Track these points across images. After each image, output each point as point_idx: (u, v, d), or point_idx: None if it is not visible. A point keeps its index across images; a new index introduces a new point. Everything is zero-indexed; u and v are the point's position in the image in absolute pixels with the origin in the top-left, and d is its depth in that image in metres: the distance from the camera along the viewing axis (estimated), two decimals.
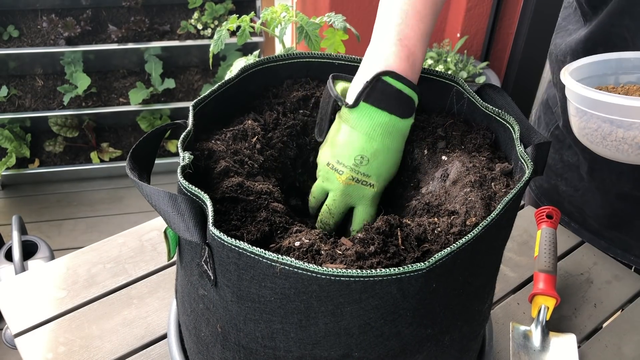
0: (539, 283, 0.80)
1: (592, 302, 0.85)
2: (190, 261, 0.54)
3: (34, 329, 0.78)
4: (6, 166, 2.31)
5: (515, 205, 0.54)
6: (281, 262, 0.44)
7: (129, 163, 0.54)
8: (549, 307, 0.78)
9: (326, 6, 2.15)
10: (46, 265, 0.88)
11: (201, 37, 2.35)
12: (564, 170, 0.94)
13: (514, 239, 0.94)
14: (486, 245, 0.52)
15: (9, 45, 2.27)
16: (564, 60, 0.83)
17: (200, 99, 0.61)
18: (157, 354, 0.75)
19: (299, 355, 0.50)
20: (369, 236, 0.50)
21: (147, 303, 0.82)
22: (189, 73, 2.50)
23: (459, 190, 0.57)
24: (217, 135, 0.62)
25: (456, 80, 0.65)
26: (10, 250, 1.85)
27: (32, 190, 2.43)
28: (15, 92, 2.38)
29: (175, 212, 0.49)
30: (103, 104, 2.41)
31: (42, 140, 2.46)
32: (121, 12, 2.37)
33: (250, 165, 0.60)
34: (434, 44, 2.38)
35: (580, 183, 0.92)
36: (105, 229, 2.27)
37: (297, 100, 0.68)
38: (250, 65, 0.66)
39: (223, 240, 0.46)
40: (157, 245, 0.92)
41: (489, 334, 0.73)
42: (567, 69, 0.68)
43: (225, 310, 0.51)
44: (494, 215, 0.49)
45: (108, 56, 2.39)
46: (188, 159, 0.53)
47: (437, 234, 0.51)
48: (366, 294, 0.45)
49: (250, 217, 0.53)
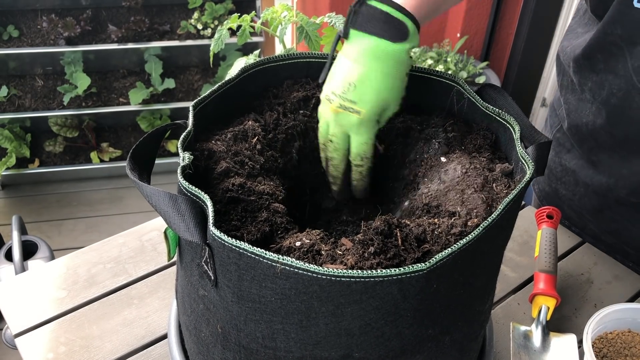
0: (539, 283, 0.80)
1: (592, 302, 0.85)
2: (191, 261, 0.54)
3: (34, 329, 0.78)
4: (6, 166, 2.31)
5: (516, 206, 0.54)
6: (282, 262, 0.44)
7: (129, 163, 0.54)
8: (550, 307, 0.78)
9: (326, 6, 2.15)
10: (46, 265, 0.87)
11: (201, 37, 2.35)
12: (563, 174, 0.94)
13: (514, 239, 0.94)
14: (487, 246, 0.52)
15: (9, 45, 2.27)
16: (568, 65, 0.83)
17: (200, 99, 0.61)
18: (157, 354, 0.75)
19: (300, 355, 0.50)
20: (368, 237, 0.50)
21: (148, 303, 0.82)
22: (189, 73, 2.50)
23: (459, 191, 0.57)
24: (217, 136, 0.62)
25: (456, 81, 0.65)
26: (10, 250, 1.85)
27: (32, 190, 2.43)
28: (15, 92, 2.37)
29: (175, 212, 0.49)
30: (103, 104, 2.41)
31: (42, 140, 2.46)
32: (121, 12, 2.37)
33: (250, 166, 0.60)
34: (434, 44, 2.37)
35: (576, 187, 0.92)
36: (105, 229, 2.27)
37: (297, 100, 0.68)
38: (251, 66, 0.66)
39: (224, 241, 0.46)
40: (157, 245, 0.91)
41: (489, 334, 0.73)
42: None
43: (226, 310, 0.51)
44: (495, 217, 0.49)
45: (108, 56, 2.39)
46: (188, 159, 0.53)
47: (438, 234, 0.51)
48: (367, 295, 0.45)
49: (250, 217, 0.53)
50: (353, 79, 0.59)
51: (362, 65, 0.59)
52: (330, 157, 0.64)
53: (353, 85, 0.59)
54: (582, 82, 0.81)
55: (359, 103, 0.60)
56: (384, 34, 0.58)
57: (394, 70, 0.60)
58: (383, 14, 0.58)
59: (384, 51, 0.58)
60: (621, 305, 0.73)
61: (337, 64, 0.61)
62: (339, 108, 0.60)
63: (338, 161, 0.64)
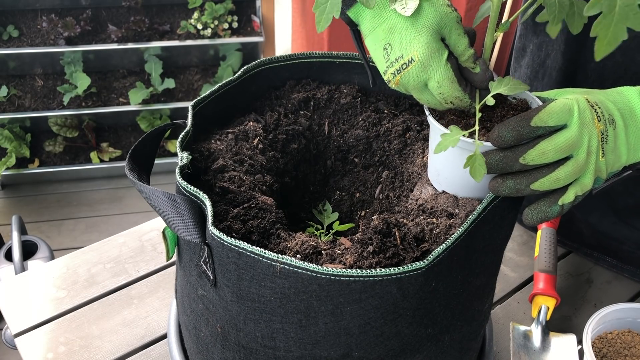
0: (539, 283, 0.80)
1: (592, 302, 0.85)
2: (189, 261, 0.54)
3: (34, 329, 0.78)
4: (6, 166, 2.31)
5: (511, 204, 0.53)
6: (281, 261, 0.44)
7: (128, 163, 0.54)
8: (549, 307, 0.78)
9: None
10: (46, 265, 0.87)
11: (201, 37, 2.34)
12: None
13: (514, 239, 0.94)
14: (483, 243, 0.52)
15: (8, 45, 2.27)
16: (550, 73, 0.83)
17: (200, 99, 0.61)
18: (157, 354, 0.75)
19: (299, 355, 0.49)
20: (367, 236, 0.50)
21: (147, 303, 0.82)
22: (189, 73, 2.50)
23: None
24: (218, 136, 0.62)
25: None
26: (10, 250, 1.85)
27: (31, 190, 2.43)
28: (15, 92, 2.37)
29: (174, 212, 0.49)
30: (103, 104, 2.41)
31: (42, 140, 2.46)
32: (121, 12, 2.37)
33: (250, 165, 0.60)
34: None
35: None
36: (105, 229, 2.26)
37: (298, 101, 0.68)
38: (253, 66, 0.66)
39: (223, 240, 0.46)
40: (157, 245, 0.91)
41: (489, 334, 0.73)
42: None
43: (225, 310, 0.51)
44: (480, 210, 0.49)
45: (108, 56, 2.38)
46: (186, 159, 0.53)
47: (436, 234, 0.51)
48: (366, 294, 0.45)
49: (248, 215, 0.53)
50: (383, 43, 0.53)
51: (381, 29, 0.54)
52: (451, 105, 0.55)
53: (388, 46, 0.53)
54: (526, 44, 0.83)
55: (405, 55, 0.52)
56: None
57: (422, 18, 0.53)
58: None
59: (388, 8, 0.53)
60: (621, 305, 0.73)
61: (371, 52, 0.56)
62: (395, 76, 0.53)
63: (455, 101, 0.54)
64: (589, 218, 0.86)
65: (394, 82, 0.54)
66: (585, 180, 0.51)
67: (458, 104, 0.54)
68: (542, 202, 0.51)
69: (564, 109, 0.49)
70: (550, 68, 0.80)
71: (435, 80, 0.52)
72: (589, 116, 0.50)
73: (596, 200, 0.83)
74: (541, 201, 0.51)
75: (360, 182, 0.71)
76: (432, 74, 0.52)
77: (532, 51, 0.83)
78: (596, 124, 0.50)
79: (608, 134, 0.51)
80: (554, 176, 0.49)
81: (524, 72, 0.86)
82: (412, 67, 0.52)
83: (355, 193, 0.71)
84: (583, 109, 0.50)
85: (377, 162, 0.69)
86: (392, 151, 0.67)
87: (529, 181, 0.49)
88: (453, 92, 0.53)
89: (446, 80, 0.52)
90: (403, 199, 0.65)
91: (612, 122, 0.51)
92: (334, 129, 0.70)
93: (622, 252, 0.86)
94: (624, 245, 0.85)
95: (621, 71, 0.72)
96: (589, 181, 0.51)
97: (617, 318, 0.73)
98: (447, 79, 0.52)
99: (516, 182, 0.49)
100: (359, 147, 0.69)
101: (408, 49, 0.52)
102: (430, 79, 0.52)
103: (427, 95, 0.54)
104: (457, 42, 0.53)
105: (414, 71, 0.52)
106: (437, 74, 0.52)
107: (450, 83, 0.52)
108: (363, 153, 0.70)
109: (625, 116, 0.52)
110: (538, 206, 0.51)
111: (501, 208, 0.52)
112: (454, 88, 0.53)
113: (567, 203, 0.51)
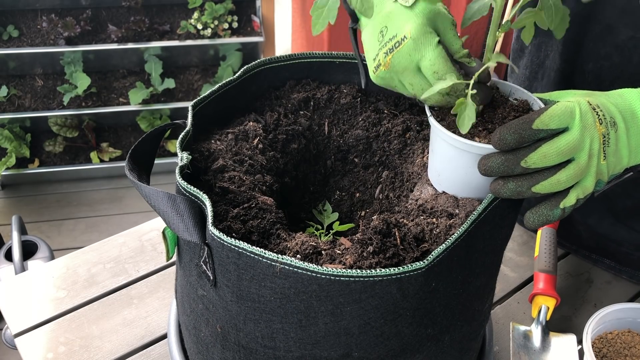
0: (539, 283, 0.80)
1: (592, 302, 0.85)
2: (189, 261, 0.54)
3: (34, 329, 0.78)
4: (6, 166, 2.31)
5: (511, 204, 0.53)
6: (281, 261, 0.44)
7: (128, 163, 0.54)
8: (549, 307, 0.78)
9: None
10: (46, 265, 0.87)
11: (201, 37, 2.34)
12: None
13: (514, 239, 0.94)
14: (483, 243, 0.52)
15: (8, 45, 2.27)
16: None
17: (199, 99, 0.61)
18: (157, 354, 0.75)
19: (299, 355, 0.50)
20: (367, 236, 0.50)
21: (147, 303, 0.82)
22: (189, 73, 2.50)
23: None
24: (218, 136, 0.62)
25: None
26: (10, 250, 1.85)
27: (31, 190, 2.43)
28: (15, 92, 2.37)
29: (174, 212, 0.49)
30: (103, 104, 2.41)
31: (42, 140, 2.46)
32: (121, 12, 2.37)
33: (250, 165, 0.60)
34: None
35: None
36: (105, 229, 2.26)
37: (298, 101, 0.68)
38: (253, 66, 0.66)
39: (223, 240, 0.46)
40: (157, 245, 0.91)
41: (489, 334, 0.73)
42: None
43: (225, 310, 0.51)
44: (480, 210, 0.49)
45: (108, 56, 2.38)
46: (186, 159, 0.53)
47: (436, 234, 0.51)
48: (366, 294, 0.45)
49: (248, 215, 0.53)
50: (380, 27, 0.54)
51: (380, 16, 0.54)
52: (446, 96, 0.54)
53: (385, 29, 0.54)
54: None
55: (398, 33, 0.52)
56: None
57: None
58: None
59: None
60: (621, 305, 0.73)
61: (366, 43, 0.57)
62: (386, 56, 0.53)
63: (448, 77, 0.53)
64: (588, 220, 0.86)
65: (385, 64, 0.54)
66: (587, 183, 0.51)
67: (452, 90, 0.53)
68: (543, 206, 0.51)
69: (566, 112, 0.49)
70: (549, 69, 0.81)
71: (428, 58, 0.52)
72: (591, 119, 0.50)
73: (595, 202, 0.83)
74: (542, 204, 0.51)
75: (360, 182, 0.71)
76: (424, 52, 0.52)
77: (531, 52, 0.83)
78: (598, 127, 0.50)
79: (610, 136, 0.51)
80: (555, 179, 0.49)
81: (523, 72, 0.86)
82: (405, 44, 0.52)
83: (355, 193, 0.71)
84: (585, 112, 0.50)
85: (377, 162, 0.69)
86: (392, 151, 0.67)
87: (530, 184, 0.49)
88: (447, 69, 0.52)
89: (439, 57, 0.52)
90: (403, 199, 0.65)
91: (614, 125, 0.51)
92: (334, 129, 0.70)
93: (620, 254, 0.86)
94: (623, 247, 0.85)
95: (618, 72, 0.72)
96: (590, 184, 0.51)
97: (617, 318, 0.73)
98: (440, 57, 0.52)
99: (517, 184, 0.49)
100: (359, 147, 0.69)
101: (402, 29, 0.52)
102: (422, 58, 0.52)
103: (418, 79, 0.54)
104: (453, 42, 0.54)
105: (405, 49, 0.52)
106: (429, 53, 0.52)
107: (443, 61, 0.52)
108: (363, 153, 0.70)
109: (626, 118, 0.52)
110: (539, 209, 0.51)
111: (501, 208, 0.52)
112: (448, 66, 0.52)
113: (569, 206, 0.50)
